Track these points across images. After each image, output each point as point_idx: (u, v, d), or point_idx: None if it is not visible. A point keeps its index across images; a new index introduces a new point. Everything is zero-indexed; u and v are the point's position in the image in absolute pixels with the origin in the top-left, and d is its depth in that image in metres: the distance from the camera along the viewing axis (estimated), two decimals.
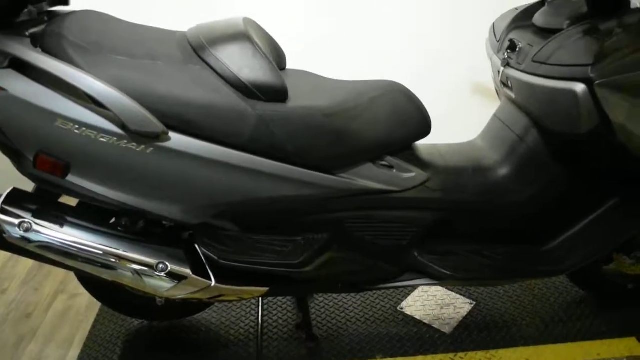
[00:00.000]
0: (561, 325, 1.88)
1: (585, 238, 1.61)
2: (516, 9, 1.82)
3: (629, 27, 1.37)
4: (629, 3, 1.44)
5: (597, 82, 1.31)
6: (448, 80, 2.75)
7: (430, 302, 1.99)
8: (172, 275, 1.43)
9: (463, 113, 2.63)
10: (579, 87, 1.33)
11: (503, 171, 1.63)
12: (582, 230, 1.61)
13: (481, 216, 1.61)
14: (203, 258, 1.46)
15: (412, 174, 1.56)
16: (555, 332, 1.85)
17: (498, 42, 1.75)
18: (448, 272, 1.58)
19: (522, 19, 1.70)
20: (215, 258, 1.44)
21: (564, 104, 1.39)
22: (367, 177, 1.51)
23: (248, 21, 1.53)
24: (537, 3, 1.77)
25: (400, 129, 1.54)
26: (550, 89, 1.42)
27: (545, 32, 1.58)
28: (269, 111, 1.36)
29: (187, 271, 1.44)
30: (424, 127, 1.57)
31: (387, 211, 1.56)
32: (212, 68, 1.38)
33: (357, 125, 1.46)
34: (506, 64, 1.61)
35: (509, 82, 1.62)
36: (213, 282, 1.46)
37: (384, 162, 1.55)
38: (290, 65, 1.71)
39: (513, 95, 1.65)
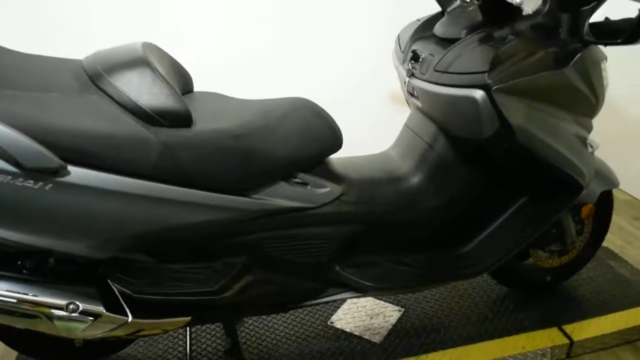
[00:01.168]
0: (487, 323, 1.93)
1: (500, 237, 1.66)
2: (418, 20, 1.86)
3: (521, 33, 1.43)
4: (520, 10, 1.50)
5: (494, 87, 1.35)
6: (367, 92, 2.79)
7: (360, 313, 2.00)
8: (85, 315, 1.36)
9: (384, 124, 2.66)
10: (478, 94, 1.38)
11: (416, 179, 1.66)
12: (497, 229, 1.66)
13: (398, 225, 1.63)
14: (117, 293, 1.40)
15: (327, 189, 1.56)
16: (481, 330, 1.90)
17: (403, 53, 1.78)
18: (370, 284, 1.58)
19: (423, 29, 1.74)
20: (130, 292, 1.39)
21: (466, 110, 1.43)
22: (281, 196, 1.49)
23: (148, 46, 1.49)
24: (438, 13, 1.82)
25: (311, 145, 1.54)
26: (452, 96, 1.46)
27: (445, 42, 1.62)
28: (173, 137, 1.33)
29: (100, 309, 1.37)
30: (334, 141, 1.57)
31: (304, 228, 1.55)
32: (110, 96, 1.33)
33: (267, 144, 1.44)
34: (411, 74, 1.64)
35: (415, 92, 1.66)
36: (130, 318, 1.40)
37: (297, 180, 1.53)
38: (202, 86, 1.69)
39: (420, 105, 1.69)
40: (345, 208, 1.58)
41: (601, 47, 1.64)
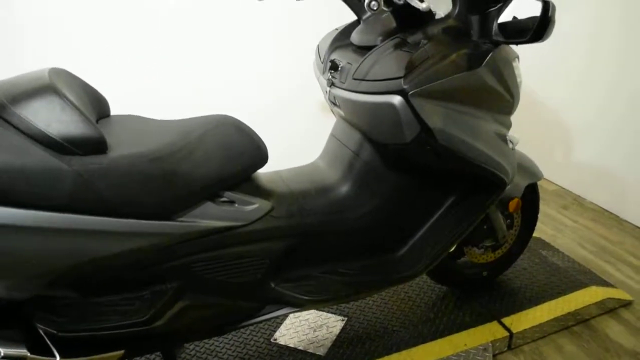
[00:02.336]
0: (429, 324, 1.94)
1: (433, 238, 1.67)
2: (336, 29, 1.87)
3: (434, 37, 1.46)
4: (432, 15, 1.53)
5: (410, 92, 1.37)
6: (295, 102, 2.79)
7: (303, 326, 1.97)
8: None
9: (314, 134, 2.66)
10: (396, 100, 1.39)
11: (345, 188, 1.65)
12: (429, 231, 1.68)
13: (330, 236, 1.62)
14: (42, 334, 1.33)
15: (255, 206, 1.53)
16: (424, 332, 1.91)
17: (322, 63, 1.78)
18: (307, 297, 1.56)
19: (341, 38, 1.75)
20: (55, 332, 1.32)
21: (386, 116, 1.44)
22: (208, 217, 1.45)
23: (55, 72, 1.43)
24: (354, 22, 1.83)
25: (235, 162, 1.51)
26: (371, 104, 1.46)
27: (362, 50, 1.63)
28: (87, 165, 1.27)
29: (24, 352, 1.30)
30: (259, 156, 1.55)
31: (235, 247, 1.51)
32: (16, 127, 1.26)
33: (188, 165, 1.40)
34: (331, 84, 1.64)
35: (337, 101, 1.66)
36: (57, 358, 1.33)
37: (224, 199, 1.50)
38: (122, 109, 1.63)
39: (343, 113, 1.69)
40: (275, 223, 1.56)
41: (512, 45, 1.69)
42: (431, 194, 1.66)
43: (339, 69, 1.62)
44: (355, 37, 1.67)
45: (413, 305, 2.05)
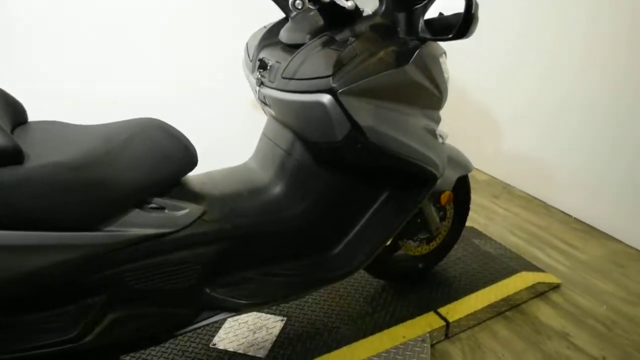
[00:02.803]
0: (368, 319, 1.96)
1: (367, 234, 1.68)
2: (265, 27, 1.84)
3: (361, 34, 1.45)
4: (360, 12, 1.52)
5: (339, 91, 1.36)
6: (227, 101, 2.74)
7: (242, 329, 1.95)
8: None
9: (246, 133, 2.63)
10: (325, 98, 1.38)
11: (277, 188, 1.64)
12: (363, 228, 1.69)
13: (264, 237, 1.60)
14: None
15: (186, 211, 1.49)
16: (364, 327, 1.92)
17: (251, 61, 1.75)
18: (243, 301, 1.54)
19: (269, 36, 1.72)
20: None
21: (316, 115, 1.43)
22: (136, 225, 1.40)
23: None
24: (283, 19, 1.81)
25: (162, 167, 1.46)
26: (301, 103, 1.45)
27: (291, 48, 1.62)
28: (1, 178, 1.20)
29: None
30: (188, 159, 1.51)
31: (167, 255, 1.47)
32: None
33: (110, 172, 1.34)
34: (260, 83, 1.61)
35: (267, 101, 1.63)
36: None
37: (152, 205, 1.45)
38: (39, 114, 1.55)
39: (273, 113, 1.67)
40: (207, 227, 1.52)
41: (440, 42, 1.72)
42: (364, 191, 1.67)
43: (268, 67, 1.59)
44: (284, 35, 1.65)
45: (352, 300, 2.06)
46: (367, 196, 1.68)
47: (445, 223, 2.07)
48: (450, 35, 1.39)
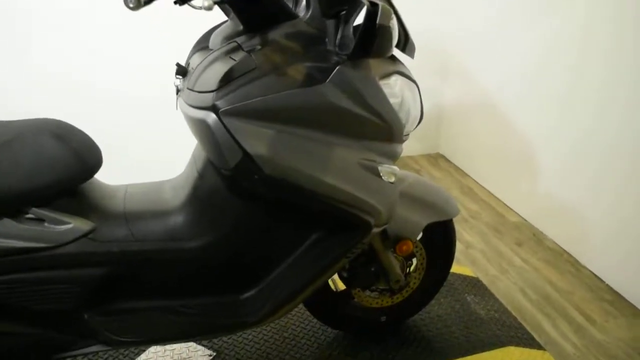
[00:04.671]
0: None
1: (286, 281, 1.41)
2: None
3: (274, 43, 1.19)
4: (291, 15, 1.25)
5: (221, 110, 1.11)
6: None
7: (167, 357, 1.74)
8: None
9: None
10: (210, 118, 1.14)
11: (186, 214, 1.40)
12: (283, 273, 1.42)
13: (161, 267, 1.38)
14: None
15: (70, 226, 1.30)
16: None
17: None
18: (117, 337, 1.33)
19: (203, 40, 1.48)
20: None
21: (207, 136, 1.19)
22: (6, 236, 1.24)
23: None
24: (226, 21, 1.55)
25: (45, 174, 1.28)
26: (195, 119, 1.21)
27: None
28: None
29: None
30: (81, 168, 1.32)
31: (40, 272, 1.29)
32: None
33: None
34: (177, 91, 1.39)
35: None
36: None
37: (29, 215, 1.28)
38: None
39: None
40: (93, 247, 1.33)
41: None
42: (287, 230, 1.40)
43: (187, 75, 1.37)
44: (212, 39, 1.41)
45: (296, 346, 1.79)
46: (290, 236, 1.40)
47: (415, 274, 1.74)
48: (348, 52, 1.10)
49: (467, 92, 3.10)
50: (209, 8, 0.95)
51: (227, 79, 1.12)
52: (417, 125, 1.46)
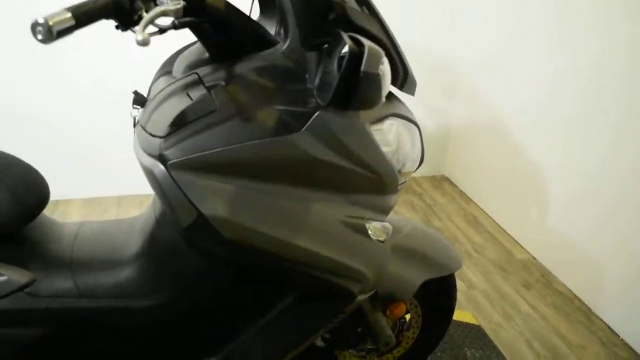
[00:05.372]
0: None
1: (257, 347, 1.21)
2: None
3: (238, 78, 0.99)
4: (268, 42, 1.04)
5: (170, 162, 0.91)
6: None
7: None
8: None
9: None
10: (158, 169, 0.94)
11: (140, 266, 1.20)
12: (253, 337, 1.21)
13: (109, 328, 1.19)
14: None
15: (3, 278, 1.11)
16: None
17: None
18: None
19: (169, 63, 1.27)
20: None
21: (156, 189, 0.99)
22: None
23: None
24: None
25: None
26: (144, 166, 1.01)
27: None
28: None
29: None
30: (19, 211, 1.13)
31: None
32: None
33: None
34: (134, 123, 1.18)
35: None
36: None
37: None
38: None
39: None
40: (30, 303, 1.13)
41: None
42: (257, 292, 1.20)
43: (145, 105, 1.16)
44: (175, 64, 1.20)
45: None
46: (258, 299, 1.20)
47: (408, 333, 1.54)
48: (325, 103, 0.89)
49: (476, 114, 2.89)
50: (144, 43, 0.75)
51: (179, 123, 0.92)
52: (416, 168, 1.26)
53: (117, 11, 0.81)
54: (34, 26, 0.67)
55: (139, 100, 1.17)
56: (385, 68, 0.79)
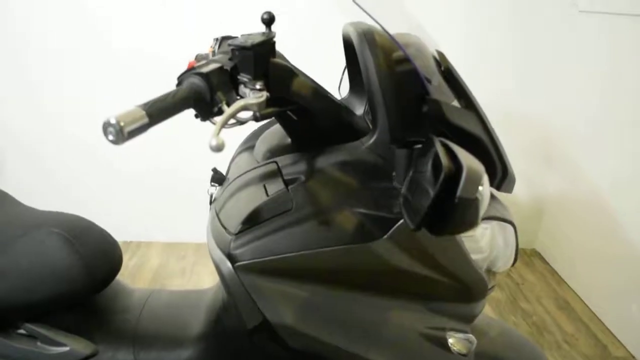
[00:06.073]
0: None
1: None
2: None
3: (319, 173, 0.92)
4: (358, 131, 0.98)
5: (238, 264, 0.85)
6: None
7: None
8: None
9: None
10: (226, 267, 0.88)
11: (203, 347, 1.15)
12: None
13: None
14: None
15: (65, 349, 1.10)
16: None
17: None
18: None
19: (253, 137, 1.23)
20: None
21: (224, 284, 0.93)
22: None
23: None
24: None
25: (47, 287, 1.08)
26: (213, 257, 0.95)
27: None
28: None
29: None
30: (89, 282, 1.11)
31: None
32: None
33: None
34: (210, 199, 1.14)
35: None
36: None
37: (21, 331, 1.09)
38: None
39: None
40: None
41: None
42: None
43: (223, 184, 1.12)
44: (257, 143, 1.15)
45: None
46: None
47: None
48: (413, 226, 0.77)
49: (574, 186, 2.68)
50: (218, 149, 0.70)
51: (252, 221, 0.86)
52: (510, 267, 1.13)
53: (197, 103, 0.77)
54: (105, 126, 0.64)
55: (217, 178, 1.13)
56: (484, 190, 0.70)
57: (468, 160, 0.68)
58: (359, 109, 1.19)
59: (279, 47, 0.90)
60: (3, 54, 2.46)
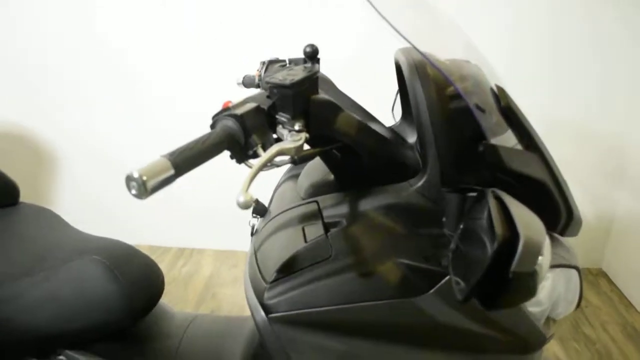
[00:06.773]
0: None
1: None
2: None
3: (362, 217, 0.86)
4: (409, 170, 0.91)
5: (272, 315, 0.80)
6: None
7: None
8: None
9: None
10: (259, 316, 0.83)
11: None
12: None
13: None
14: None
15: None
16: None
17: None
18: None
19: (295, 167, 1.18)
20: None
21: (258, 328, 0.89)
22: None
23: None
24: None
25: (87, 315, 1.08)
26: (248, 300, 0.91)
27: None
28: None
29: None
30: (129, 312, 1.10)
31: None
32: None
33: (10, 310, 1.03)
34: (252, 231, 1.10)
35: None
36: None
37: (60, 358, 1.09)
38: None
39: None
40: None
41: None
42: None
43: (265, 215, 1.08)
44: (301, 174, 1.10)
45: None
46: None
47: None
48: (460, 298, 0.68)
49: None
50: (246, 206, 0.65)
51: (288, 269, 0.81)
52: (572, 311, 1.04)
53: (231, 147, 0.72)
54: (128, 180, 0.60)
55: (259, 210, 1.09)
56: (544, 260, 0.61)
57: (526, 226, 0.60)
58: (412, 137, 1.12)
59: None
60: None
